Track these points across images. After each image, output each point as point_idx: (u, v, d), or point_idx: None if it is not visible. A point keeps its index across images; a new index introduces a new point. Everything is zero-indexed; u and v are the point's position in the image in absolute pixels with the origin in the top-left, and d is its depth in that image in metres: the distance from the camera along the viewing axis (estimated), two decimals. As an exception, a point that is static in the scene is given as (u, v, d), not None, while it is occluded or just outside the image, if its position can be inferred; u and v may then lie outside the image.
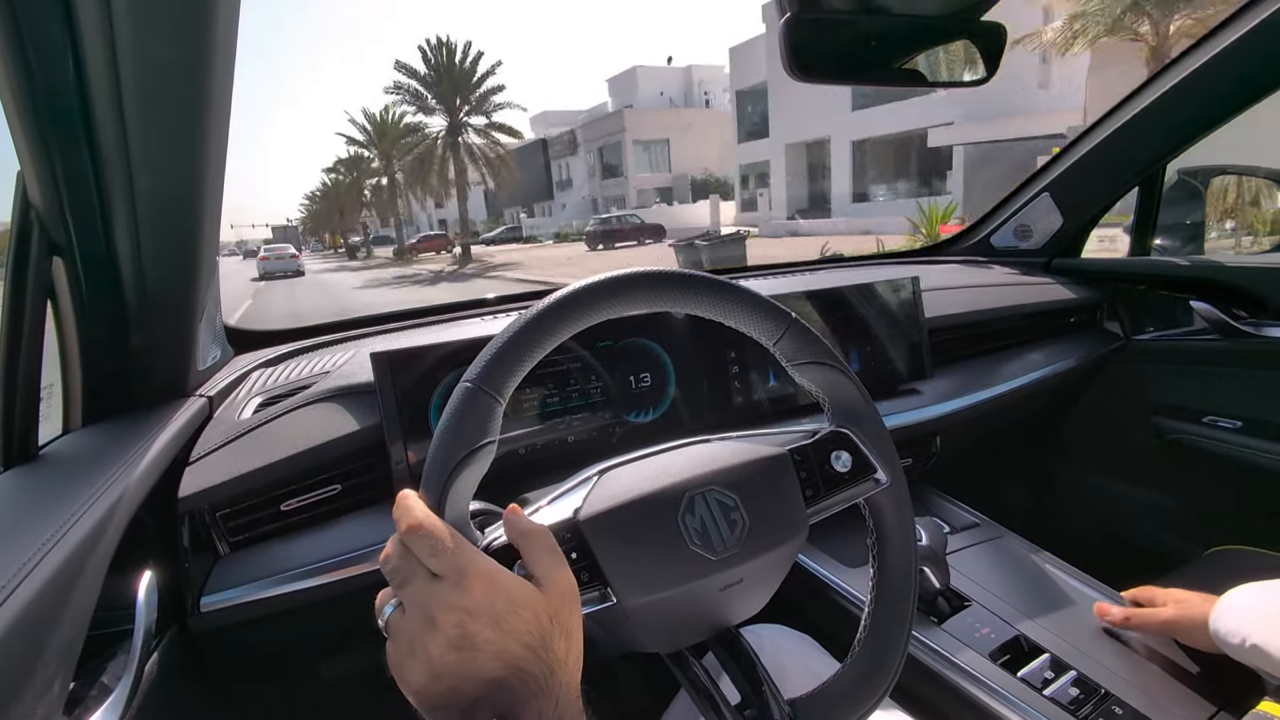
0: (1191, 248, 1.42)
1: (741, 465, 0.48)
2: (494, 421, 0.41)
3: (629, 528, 0.44)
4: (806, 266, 1.44)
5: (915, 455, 1.12)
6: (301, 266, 26.13)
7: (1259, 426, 1.14)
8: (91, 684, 0.50)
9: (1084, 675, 0.75)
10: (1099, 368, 1.36)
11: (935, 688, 0.77)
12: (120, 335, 0.65)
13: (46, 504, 0.49)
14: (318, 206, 47.57)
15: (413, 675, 0.35)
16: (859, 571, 0.93)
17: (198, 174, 0.56)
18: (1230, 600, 0.68)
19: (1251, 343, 1.15)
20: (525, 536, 0.40)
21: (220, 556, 0.69)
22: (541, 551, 0.40)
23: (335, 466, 0.75)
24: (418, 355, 0.76)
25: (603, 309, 0.45)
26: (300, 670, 0.91)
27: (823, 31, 0.69)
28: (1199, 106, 1.13)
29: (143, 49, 0.45)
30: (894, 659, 0.50)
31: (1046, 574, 0.95)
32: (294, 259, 25.67)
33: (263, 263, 25.08)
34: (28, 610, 0.38)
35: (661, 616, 0.46)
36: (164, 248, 0.61)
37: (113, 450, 0.59)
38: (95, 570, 0.47)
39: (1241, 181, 1.73)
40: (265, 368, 0.90)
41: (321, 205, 45.98)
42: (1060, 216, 1.41)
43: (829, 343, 0.52)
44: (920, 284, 1.12)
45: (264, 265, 24.88)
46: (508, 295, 1.19)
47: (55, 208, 0.55)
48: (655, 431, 0.90)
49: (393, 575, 0.38)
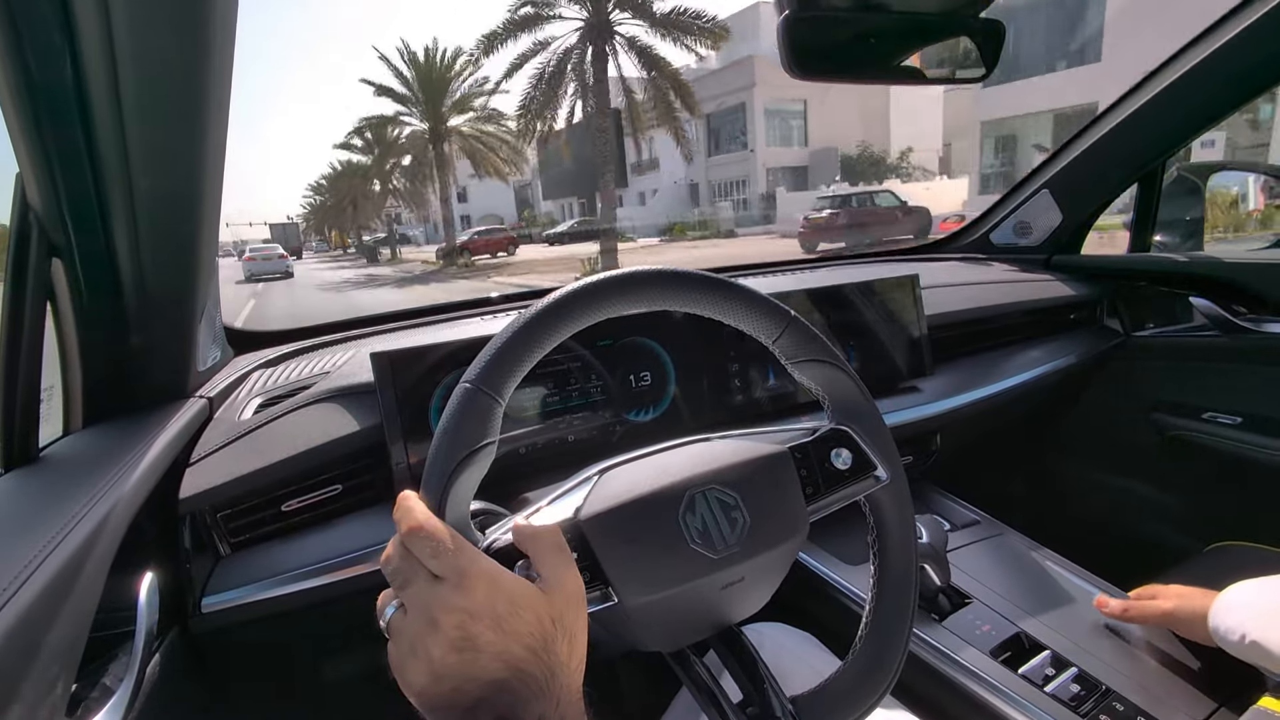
0: (1191, 244, 1.42)
1: (742, 464, 0.48)
2: (494, 422, 0.41)
3: (630, 527, 0.44)
4: (806, 264, 1.44)
5: (916, 453, 1.12)
6: (290, 267, 24.02)
7: (1259, 422, 1.14)
8: (93, 685, 0.50)
9: (1085, 672, 0.75)
10: (1099, 364, 1.36)
11: (936, 685, 0.77)
12: (120, 336, 0.65)
13: (47, 506, 0.49)
14: (325, 197, 37.73)
15: (414, 676, 0.35)
16: (859, 569, 0.93)
17: (196, 174, 0.56)
18: (1228, 597, 0.68)
19: (1251, 339, 1.15)
20: (533, 538, 0.40)
21: (221, 557, 0.69)
22: (550, 551, 0.40)
23: (336, 467, 0.75)
24: (418, 355, 0.76)
25: (601, 308, 0.45)
26: (302, 671, 0.91)
27: (821, 29, 0.69)
28: (1198, 102, 1.13)
29: (141, 49, 0.45)
30: (895, 656, 0.50)
31: (1047, 571, 0.95)
32: (282, 259, 23.58)
33: (248, 264, 22.74)
34: (29, 612, 0.38)
35: (663, 616, 0.46)
36: (163, 248, 0.61)
37: (113, 451, 0.59)
38: (96, 572, 0.47)
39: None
40: (265, 368, 0.90)
41: (330, 194, 35.67)
42: (1060, 213, 1.41)
43: (828, 340, 0.52)
44: (920, 281, 1.12)
45: (249, 266, 22.57)
46: (509, 294, 1.19)
47: (54, 209, 0.55)
48: (655, 430, 0.90)
49: (394, 577, 0.38)
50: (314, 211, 43.71)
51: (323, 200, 38.52)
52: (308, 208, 46.52)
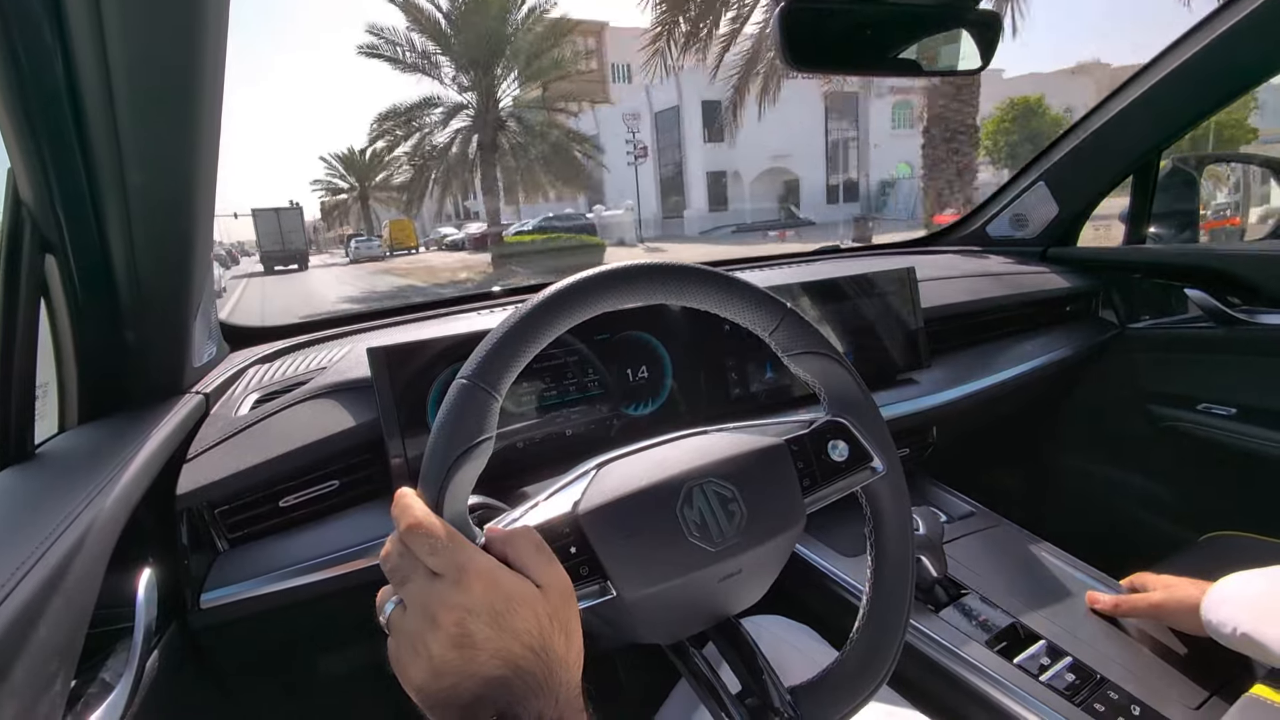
0: (1186, 236, 1.43)
1: (739, 456, 0.49)
2: (490, 418, 0.41)
3: (628, 521, 0.44)
4: (803, 258, 1.44)
5: (913, 445, 1.12)
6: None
7: (1253, 413, 1.15)
8: (92, 681, 0.50)
9: (1080, 661, 0.75)
10: (1095, 356, 1.36)
11: (933, 675, 0.78)
12: (115, 333, 0.65)
13: (44, 503, 0.49)
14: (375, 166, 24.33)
15: (414, 673, 0.35)
16: (856, 561, 0.93)
17: (190, 168, 0.55)
18: (1220, 589, 0.68)
19: (1246, 330, 1.16)
20: (508, 542, 0.40)
21: (220, 553, 0.69)
22: (530, 553, 0.39)
23: (333, 462, 0.75)
24: (415, 350, 0.76)
25: (598, 303, 0.45)
26: (301, 666, 0.91)
27: (818, 22, 0.69)
28: (1193, 95, 1.13)
29: (133, 43, 0.45)
30: (893, 645, 0.51)
31: (1043, 562, 0.95)
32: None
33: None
34: (27, 609, 0.38)
35: (661, 609, 0.47)
36: (157, 244, 0.61)
37: (109, 448, 0.59)
38: (94, 568, 0.47)
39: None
40: (261, 364, 0.90)
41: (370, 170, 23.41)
42: (1055, 205, 1.41)
43: (825, 334, 0.52)
44: (916, 274, 1.12)
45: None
46: (507, 289, 1.19)
47: (47, 205, 0.55)
48: (653, 424, 0.90)
49: (393, 574, 0.38)
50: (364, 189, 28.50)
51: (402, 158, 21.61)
52: (325, 187, 31.46)
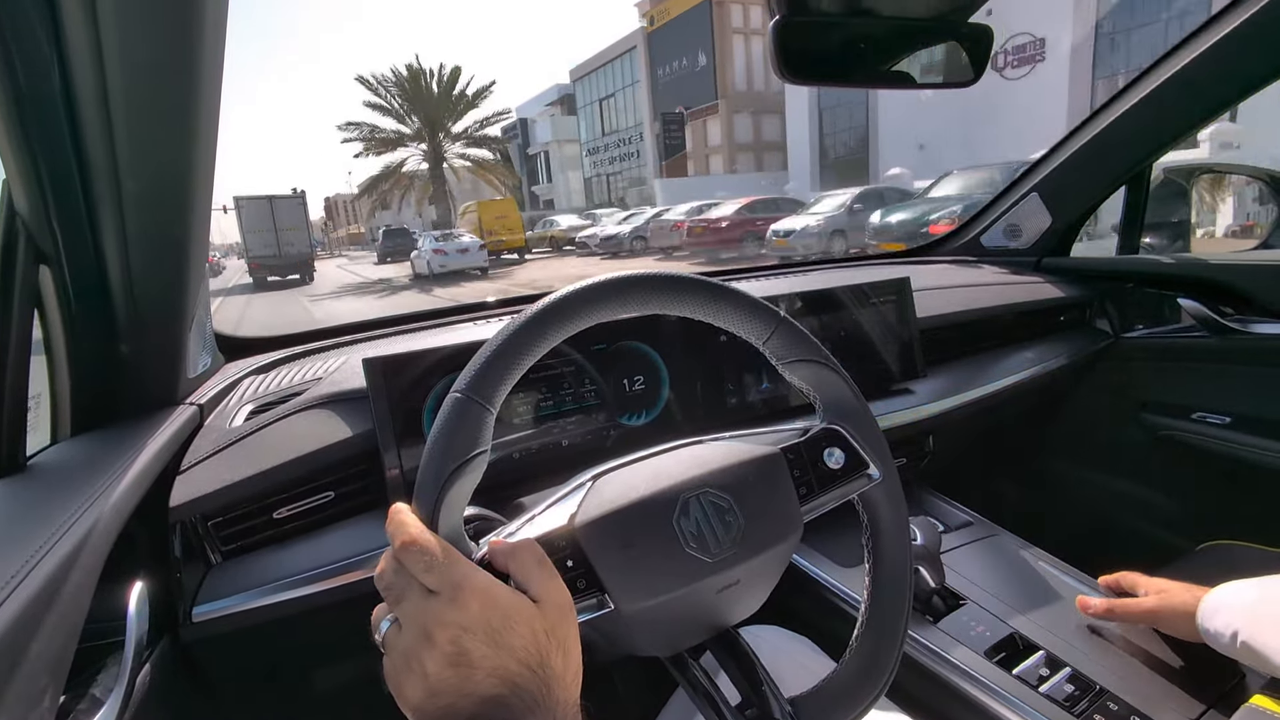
0: (1179, 245, 1.44)
1: (734, 466, 0.48)
2: (485, 431, 0.40)
3: (624, 533, 0.44)
4: (797, 268, 1.45)
5: (909, 455, 1.12)
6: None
7: (1248, 422, 1.15)
8: (82, 696, 0.49)
9: (1078, 672, 0.75)
10: (1089, 366, 1.37)
11: (932, 686, 0.78)
12: (109, 344, 0.64)
13: (35, 515, 0.48)
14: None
15: (410, 691, 0.35)
16: (854, 571, 0.93)
17: (186, 179, 0.55)
18: (1216, 597, 0.68)
19: (1239, 339, 1.16)
20: (512, 555, 0.39)
21: (212, 566, 0.69)
22: (532, 566, 0.39)
23: (328, 474, 0.75)
24: (410, 360, 0.76)
25: (592, 314, 0.44)
26: (294, 680, 0.90)
27: (811, 34, 0.70)
28: (1185, 105, 1.14)
29: (128, 52, 0.45)
30: (891, 654, 0.50)
31: (1040, 571, 0.95)
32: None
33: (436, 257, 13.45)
34: (17, 621, 0.38)
35: (659, 621, 0.46)
36: (152, 254, 0.60)
37: (102, 460, 0.59)
38: (85, 581, 0.46)
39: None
40: (256, 375, 0.90)
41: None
42: (1049, 216, 1.42)
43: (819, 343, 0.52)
44: (911, 284, 1.13)
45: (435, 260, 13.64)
46: (503, 299, 1.18)
47: (41, 215, 0.55)
48: (649, 434, 0.90)
49: (388, 591, 0.37)
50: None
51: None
52: (364, 137, 25.39)
